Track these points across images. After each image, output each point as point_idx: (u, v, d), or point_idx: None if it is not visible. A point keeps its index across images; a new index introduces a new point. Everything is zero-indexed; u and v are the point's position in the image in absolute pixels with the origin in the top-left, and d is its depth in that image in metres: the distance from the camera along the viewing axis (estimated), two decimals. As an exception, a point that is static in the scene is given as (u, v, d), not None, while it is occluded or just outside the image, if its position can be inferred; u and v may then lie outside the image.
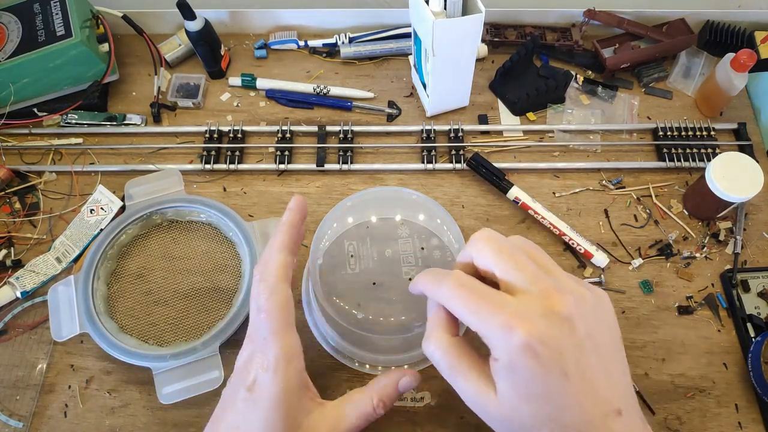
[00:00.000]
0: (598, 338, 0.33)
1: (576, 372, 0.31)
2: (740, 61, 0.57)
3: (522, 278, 0.33)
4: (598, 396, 0.32)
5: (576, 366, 0.31)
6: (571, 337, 0.32)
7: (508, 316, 0.31)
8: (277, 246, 0.40)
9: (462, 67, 0.58)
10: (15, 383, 0.50)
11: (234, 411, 0.37)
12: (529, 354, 0.31)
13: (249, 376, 0.37)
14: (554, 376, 0.31)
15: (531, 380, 0.31)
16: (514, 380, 0.32)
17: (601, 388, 0.32)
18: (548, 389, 0.31)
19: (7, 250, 0.57)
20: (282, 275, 0.39)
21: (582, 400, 0.32)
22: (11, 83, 0.59)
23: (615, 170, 0.61)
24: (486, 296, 0.33)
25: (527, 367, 0.31)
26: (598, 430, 0.32)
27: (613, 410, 0.32)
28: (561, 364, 0.31)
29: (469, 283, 0.34)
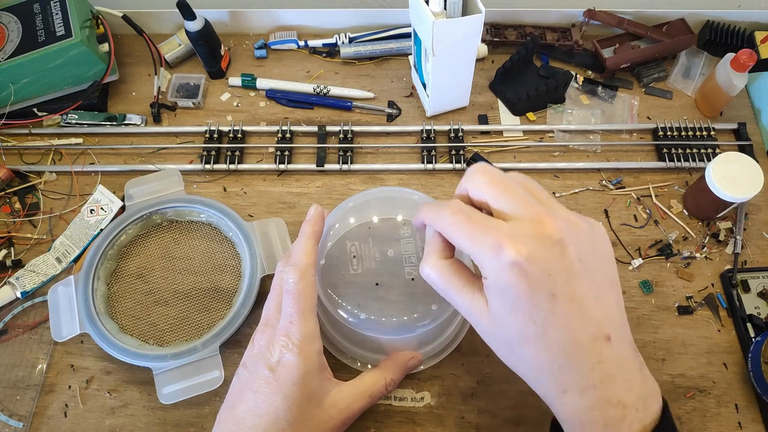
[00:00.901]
0: (591, 264, 0.33)
1: (564, 293, 0.32)
2: (740, 61, 0.58)
3: (514, 205, 0.34)
4: (587, 319, 0.32)
5: (565, 288, 0.32)
6: (561, 260, 0.32)
7: (499, 237, 0.32)
8: (306, 235, 0.43)
9: (462, 67, 0.58)
10: (15, 383, 0.50)
11: (255, 392, 0.38)
12: (517, 272, 0.31)
13: (272, 357, 0.39)
14: (541, 296, 0.32)
15: (518, 298, 0.32)
16: (503, 297, 0.33)
17: (591, 313, 0.32)
18: (535, 308, 0.32)
19: (7, 250, 0.57)
20: (311, 261, 0.41)
21: (569, 321, 0.32)
22: (11, 83, 0.59)
23: (615, 170, 0.61)
24: (479, 221, 0.34)
25: (515, 285, 0.32)
26: (586, 352, 0.32)
27: (602, 334, 0.32)
28: (549, 285, 0.32)
29: (464, 210, 0.35)
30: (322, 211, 0.45)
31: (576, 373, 0.32)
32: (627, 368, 0.33)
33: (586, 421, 0.33)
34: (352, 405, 0.41)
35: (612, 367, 0.32)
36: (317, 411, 0.39)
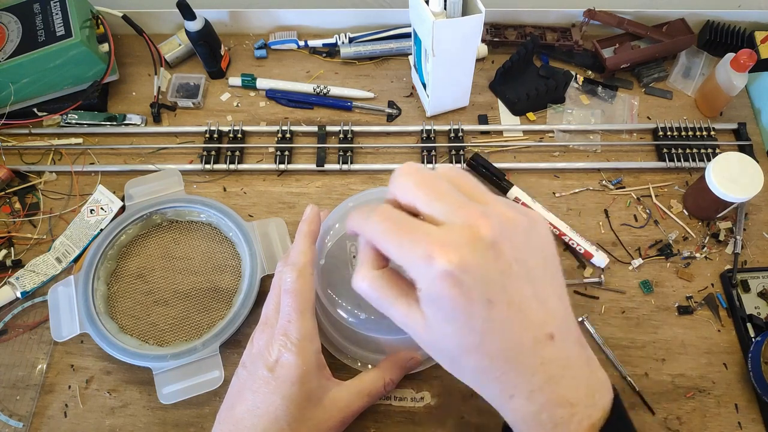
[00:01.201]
0: (530, 262, 0.32)
1: (502, 299, 0.30)
2: (740, 61, 0.57)
3: (444, 208, 0.31)
4: (527, 321, 0.31)
5: (502, 293, 0.30)
6: (496, 264, 0.30)
7: (429, 246, 0.30)
8: (303, 234, 0.43)
9: (462, 67, 0.58)
10: (15, 383, 0.50)
11: (254, 392, 0.38)
12: (450, 282, 0.29)
13: (271, 357, 0.39)
14: (478, 305, 0.30)
15: (453, 309, 0.30)
16: (438, 308, 0.31)
17: (532, 314, 0.31)
18: (472, 318, 0.30)
19: (7, 250, 0.57)
20: (308, 260, 0.41)
21: (508, 326, 0.31)
22: (11, 83, 0.59)
23: (615, 170, 0.61)
24: (408, 228, 0.31)
25: (449, 297, 0.30)
26: (528, 355, 0.31)
27: (544, 335, 0.31)
28: (485, 292, 0.30)
29: (393, 216, 0.32)
30: (318, 210, 0.45)
31: (520, 377, 0.31)
32: (572, 365, 0.32)
33: (535, 424, 0.32)
34: (351, 404, 0.41)
35: (556, 367, 0.32)
36: (316, 410, 0.39)
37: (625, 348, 0.51)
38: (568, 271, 0.55)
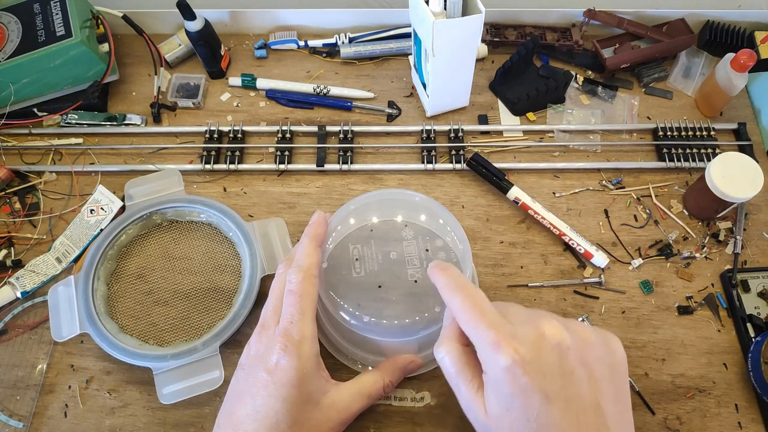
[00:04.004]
0: (596, 372, 0.34)
1: (560, 397, 0.32)
2: (740, 61, 0.57)
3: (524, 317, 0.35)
4: (582, 425, 0.32)
5: (561, 391, 0.32)
6: (560, 365, 0.33)
7: (498, 335, 0.33)
8: (309, 237, 0.43)
9: (462, 67, 0.58)
10: (15, 383, 0.50)
11: (253, 396, 0.38)
12: (512, 373, 0.32)
13: (270, 359, 0.39)
14: (535, 398, 0.32)
15: (512, 398, 0.32)
16: (498, 393, 0.33)
17: (588, 419, 0.32)
18: (529, 409, 0.32)
19: (7, 250, 0.57)
20: (313, 262, 0.42)
21: (563, 424, 0.32)
22: (11, 83, 0.59)
23: (615, 170, 0.61)
24: (486, 314, 0.35)
25: (509, 386, 0.32)
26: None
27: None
28: (543, 387, 0.32)
29: (477, 297, 0.36)
30: (325, 216, 0.45)
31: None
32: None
33: None
34: (350, 405, 0.41)
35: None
36: (316, 412, 0.39)
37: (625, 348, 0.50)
38: (567, 271, 0.55)
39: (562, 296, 0.54)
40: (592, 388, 0.33)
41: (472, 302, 0.36)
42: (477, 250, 0.56)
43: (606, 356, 0.35)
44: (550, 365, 0.32)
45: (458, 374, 0.36)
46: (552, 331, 0.34)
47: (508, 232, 0.57)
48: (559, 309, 0.53)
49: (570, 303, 0.54)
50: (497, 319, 0.34)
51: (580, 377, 0.33)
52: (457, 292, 0.37)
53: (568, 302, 0.54)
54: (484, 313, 0.35)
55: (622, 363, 0.36)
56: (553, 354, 0.33)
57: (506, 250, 0.56)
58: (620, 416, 0.34)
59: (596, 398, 0.33)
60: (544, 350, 0.33)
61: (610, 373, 0.35)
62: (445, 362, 0.37)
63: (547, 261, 0.56)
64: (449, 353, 0.37)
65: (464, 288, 0.37)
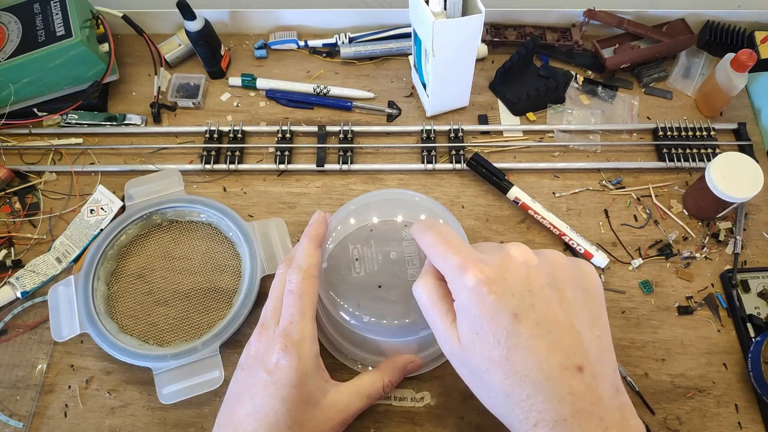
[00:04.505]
0: (567, 294, 0.33)
1: (529, 316, 0.32)
2: (740, 61, 0.57)
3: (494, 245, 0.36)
4: (555, 345, 0.31)
5: (530, 310, 0.32)
6: (527, 283, 0.32)
7: (464, 259, 0.33)
8: (309, 237, 0.43)
9: (462, 67, 0.58)
10: (15, 383, 0.50)
11: (252, 396, 0.38)
12: (479, 292, 0.32)
13: (270, 360, 0.39)
14: (503, 316, 0.32)
15: (480, 317, 0.32)
16: (468, 318, 0.33)
17: (561, 340, 0.31)
18: (497, 329, 0.32)
19: (7, 250, 0.57)
20: (313, 262, 0.42)
21: (535, 345, 0.31)
22: (11, 83, 0.59)
23: (615, 170, 0.61)
24: (454, 243, 0.35)
25: (477, 305, 0.32)
26: (554, 381, 0.31)
27: (572, 365, 0.31)
28: (510, 305, 0.32)
29: (446, 232, 0.37)
30: (325, 216, 0.45)
31: (546, 403, 0.31)
32: (603, 406, 0.31)
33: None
34: (350, 405, 0.41)
35: (584, 402, 0.31)
36: (315, 412, 0.39)
37: (625, 348, 0.51)
38: (568, 271, 0.55)
39: (562, 296, 0.54)
40: (564, 309, 0.33)
41: (441, 237, 0.36)
42: (477, 250, 0.56)
43: (579, 279, 0.35)
44: (517, 283, 0.32)
45: (433, 307, 0.36)
46: (518, 251, 0.34)
47: (508, 232, 0.57)
48: (559, 309, 0.53)
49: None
50: (464, 247, 0.35)
51: (550, 296, 0.33)
52: (427, 231, 0.37)
53: (568, 302, 0.54)
54: (450, 243, 0.35)
55: (596, 287, 0.35)
56: (519, 272, 0.33)
57: (506, 250, 0.56)
58: (598, 340, 0.33)
59: (570, 319, 0.32)
60: (511, 269, 0.33)
61: (583, 296, 0.34)
62: (421, 298, 0.37)
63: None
64: (424, 287, 0.37)
65: (434, 226, 0.38)
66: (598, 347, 0.33)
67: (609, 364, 0.33)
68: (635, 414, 0.34)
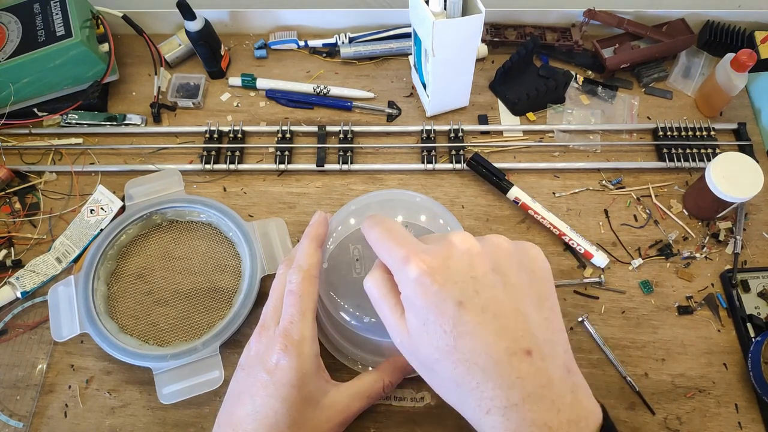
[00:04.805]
0: (512, 277, 0.33)
1: (474, 302, 0.31)
2: (740, 61, 0.57)
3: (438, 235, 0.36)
4: (502, 331, 0.31)
5: (474, 296, 0.32)
6: (470, 269, 0.32)
7: (407, 250, 0.33)
8: (309, 237, 0.43)
9: (462, 67, 0.58)
10: (15, 383, 0.50)
11: (252, 396, 0.38)
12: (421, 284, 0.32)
13: (270, 360, 0.39)
14: (448, 305, 0.31)
15: (426, 311, 0.32)
16: (414, 311, 0.33)
17: (507, 325, 0.31)
18: (443, 318, 0.31)
19: (7, 250, 0.57)
20: (314, 262, 0.42)
21: (481, 331, 0.31)
22: (11, 83, 0.59)
23: (615, 170, 0.61)
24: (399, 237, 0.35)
25: (421, 296, 0.32)
26: (503, 366, 0.31)
27: (520, 348, 0.31)
28: (454, 293, 0.32)
29: (391, 226, 0.37)
30: (326, 216, 0.45)
31: (496, 389, 0.31)
32: (554, 388, 0.31)
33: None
34: (350, 406, 0.41)
35: (534, 386, 0.31)
36: (315, 412, 0.39)
37: (625, 348, 0.51)
38: (567, 271, 0.55)
39: (562, 296, 0.54)
40: (509, 293, 0.32)
41: (386, 231, 0.36)
42: (477, 250, 0.56)
43: (524, 262, 0.35)
44: (460, 271, 0.32)
45: (381, 300, 0.36)
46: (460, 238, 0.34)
47: (508, 232, 0.57)
48: (559, 309, 0.53)
49: (570, 303, 0.54)
50: (408, 238, 0.35)
51: (493, 281, 0.32)
52: (375, 227, 0.37)
53: (568, 302, 0.54)
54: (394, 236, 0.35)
55: (543, 268, 0.35)
56: (462, 260, 0.33)
57: (506, 250, 0.56)
58: (546, 322, 0.33)
59: (515, 303, 0.32)
60: (453, 257, 0.33)
61: (529, 278, 0.34)
62: (370, 291, 0.37)
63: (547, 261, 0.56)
64: (373, 281, 0.37)
65: (381, 221, 0.38)
66: (547, 329, 0.33)
67: (559, 345, 0.33)
68: (590, 394, 0.33)
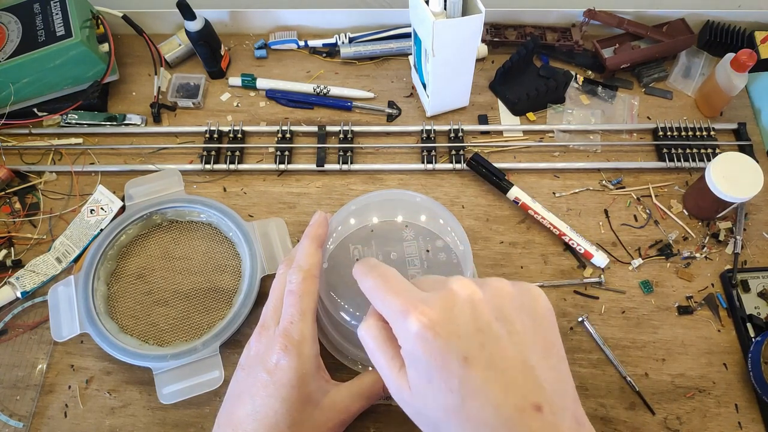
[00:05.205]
0: (516, 325, 0.31)
1: (480, 357, 0.29)
2: (740, 61, 0.57)
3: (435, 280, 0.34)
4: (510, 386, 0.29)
5: (479, 351, 0.29)
6: (474, 321, 0.30)
7: (405, 302, 0.31)
8: (310, 237, 0.43)
9: (462, 67, 0.58)
10: (15, 383, 0.50)
11: (252, 396, 0.38)
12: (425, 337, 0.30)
13: (270, 360, 0.38)
14: (453, 362, 0.29)
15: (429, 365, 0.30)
16: (417, 366, 0.31)
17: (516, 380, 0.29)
18: (449, 376, 0.29)
19: (7, 250, 0.57)
20: (314, 262, 0.41)
21: (489, 388, 0.29)
22: (11, 83, 0.59)
23: (615, 170, 0.61)
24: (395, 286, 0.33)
25: (424, 352, 0.30)
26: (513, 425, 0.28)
27: (529, 404, 0.29)
28: (460, 349, 0.29)
29: (386, 273, 0.35)
30: (326, 216, 0.45)
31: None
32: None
33: None
34: (350, 406, 0.41)
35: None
36: (315, 412, 0.39)
37: (625, 348, 0.51)
38: (567, 271, 0.55)
39: (562, 296, 0.54)
40: (515, 343, 0.30)
41: (381, 279, 0.34)
42: (477, 250, 0.56)
43: (527, 306, 0.32)
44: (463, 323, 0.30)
45: (378, 351, 0.34)
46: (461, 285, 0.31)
47: (508, 232, 0.57)
48: (558, 309, 0.53)
49: (570, 303, 0.54)
50: (405, 287, 0.33)
51: (499, 332, 0.30)
52: (367, 274, 0.35)
53: (568, 302, 0.54)
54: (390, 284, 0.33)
55: (546, 311, 0.33)
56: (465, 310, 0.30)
57: (506, 250, 0.56)
58: (554, 372, 0.31)
59: (522, 354, 0.30)
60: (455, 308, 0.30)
61: (533, 324, 0.32)
62: (364, 339, 0.35)
63: (547, 261, 0.56)
64: (368, 330, 0.35)
65: (375, 268, 0.36)
66: (555, 379, 0.31)
67: (568, 396, 0.31)
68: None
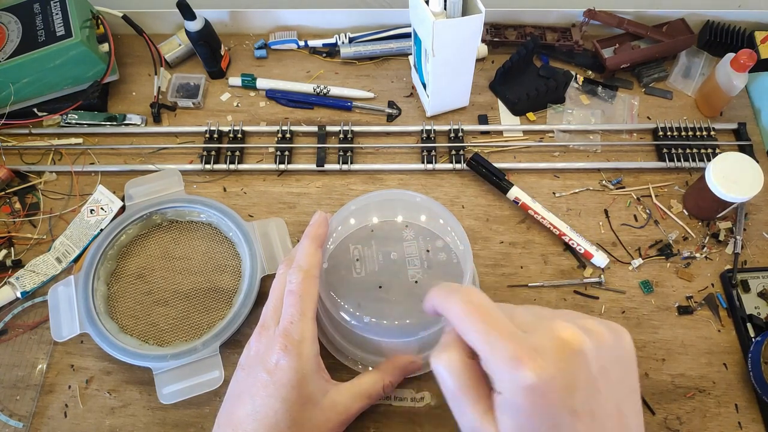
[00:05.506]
0: (612, 374, 0.30)
1: (585, 410, 0.29)
2: (740, 61, 0.57)
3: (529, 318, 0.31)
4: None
5: (586, 404, 0.29)
6: (583, 373, 0.29)
7: (517, 349, 0.28)
8: (310, 238, 0.43)
9: (462, 67, 0.58)
10: (15, 383, 0.50)
11: (252, 396, 0.38)
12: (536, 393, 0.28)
13: (270, 360, 0.38)
14: (562, 416, 0.28)
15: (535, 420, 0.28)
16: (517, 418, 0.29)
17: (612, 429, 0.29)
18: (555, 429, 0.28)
19: (7, 250, 0.57)
20: (314, 263, 0.42)
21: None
22: (11, 83, 0.59)
23: (615, 170, 0.61)
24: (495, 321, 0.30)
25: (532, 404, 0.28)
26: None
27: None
28: (570, 402, 0.28)
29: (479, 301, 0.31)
30: (326, 216, 0.45)
31: None
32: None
33: None
34: (350, 406, 0.41)
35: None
36: (315, 412, 0.39)
37: (625, 348, 0.51)
38: (567, 271, 0.55)
39: (562, 296, 0.54)
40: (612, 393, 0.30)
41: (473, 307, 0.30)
42: (477, 250, 0.56)
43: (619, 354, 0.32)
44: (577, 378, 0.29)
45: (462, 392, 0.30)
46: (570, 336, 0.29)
47: (508, 232, 0.57)
48: (559, 309, 0.53)
49: (570, 303, 0.54)
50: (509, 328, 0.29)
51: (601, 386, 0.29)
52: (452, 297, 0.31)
53: (568, 302, 0.54)
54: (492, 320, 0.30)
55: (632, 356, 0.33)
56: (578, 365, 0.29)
57: (506, 250, 0.56)
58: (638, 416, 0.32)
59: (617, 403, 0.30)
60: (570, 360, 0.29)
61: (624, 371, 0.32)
62: (443, 376, 0.31)
63: (547, 261, 0.56)
64: (450, 366, 0.31)
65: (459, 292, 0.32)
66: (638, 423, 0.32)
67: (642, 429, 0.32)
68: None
